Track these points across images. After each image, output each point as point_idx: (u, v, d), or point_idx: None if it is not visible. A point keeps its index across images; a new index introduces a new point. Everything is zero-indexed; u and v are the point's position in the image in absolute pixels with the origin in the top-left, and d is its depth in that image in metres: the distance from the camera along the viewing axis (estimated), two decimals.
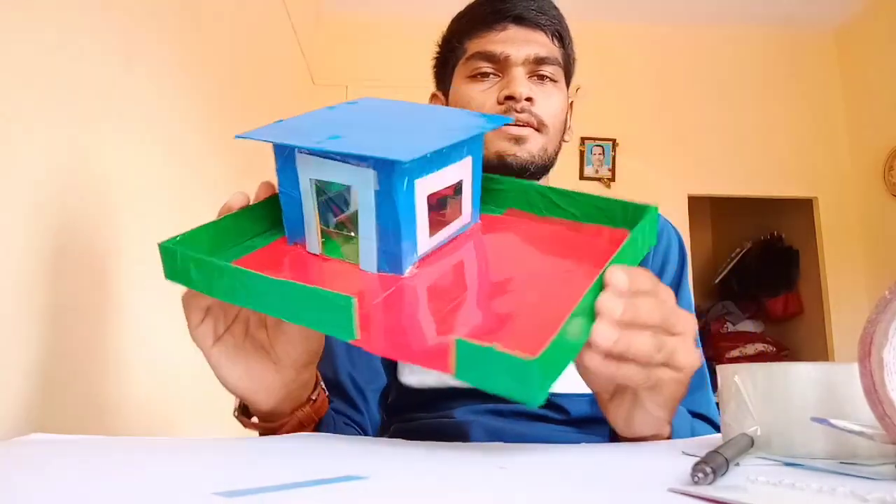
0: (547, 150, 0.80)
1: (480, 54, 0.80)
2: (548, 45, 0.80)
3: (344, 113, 0.56)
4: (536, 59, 0.79)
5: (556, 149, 0.82)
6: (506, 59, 0.79)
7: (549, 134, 0.79)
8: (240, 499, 0.28)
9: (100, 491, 0.31)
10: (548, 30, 0.80)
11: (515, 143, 0.77)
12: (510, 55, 0.79)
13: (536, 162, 0.78)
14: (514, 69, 0.78)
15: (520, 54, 0.78)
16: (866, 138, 3.13)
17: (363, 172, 0.46)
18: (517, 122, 0.77)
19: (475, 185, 0.56)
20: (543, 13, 0.80)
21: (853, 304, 3.07)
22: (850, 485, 0.32)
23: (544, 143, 0.79)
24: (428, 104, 0.61)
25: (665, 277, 0.80)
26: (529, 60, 0.79)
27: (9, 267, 0.74)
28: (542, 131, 0.79)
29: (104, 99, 0.97)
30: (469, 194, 0.56)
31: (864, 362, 0.35)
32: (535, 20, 0.80)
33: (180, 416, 1.29)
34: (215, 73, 1.56)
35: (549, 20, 0.80)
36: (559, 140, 0.82)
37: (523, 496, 0.32)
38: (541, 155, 0.79)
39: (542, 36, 0.80)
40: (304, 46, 2.74)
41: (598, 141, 3.14)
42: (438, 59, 0.88)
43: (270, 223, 0.55)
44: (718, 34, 3.29)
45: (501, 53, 0.79)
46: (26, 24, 0.77)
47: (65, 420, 0.84)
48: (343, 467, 0.37)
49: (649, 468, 0.41)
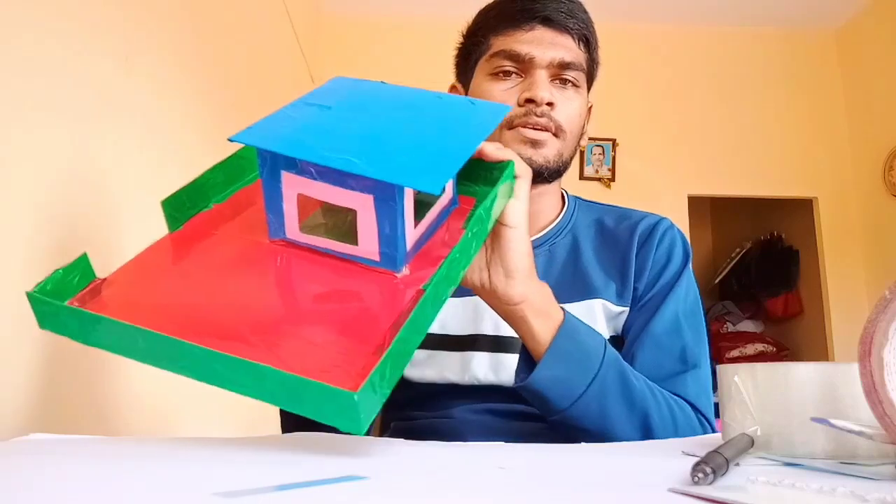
0: (563, 155, 0.79)
1: (505, 52, 0.79)
2: (574, 50, 0.79)
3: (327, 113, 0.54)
4: (561, 63, 0.78)
5: (572, 154, 0.81)
6: (530, 61, 0.78)
7: (566, 139, 0.79)
8: (240, 499, 0.28)
9: (99, 491, 0.31)
10: (575, 34, 0.79)
11: (532, 146, 0.77)
12: (535, 57, 0.77)
13: (551, 167, 0.78)
14: (538, 72, 0.77)
15: (545, 57, 0.77)
16: (866, 138, 3.13)
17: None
18: (535, 125, 0.76)
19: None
20: (573, 16, 0.79)
21: (853, 304, 3.07)
22: (850, 485, 0.32)
23: (560, 148, 0.79)
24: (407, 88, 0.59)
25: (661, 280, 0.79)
26: (554, 64, 0.78)
27: (9, 267, 0.74)
28: (559, 136, 0.78)
29: (104, 99, 0.97)
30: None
31: (864, 362, 0.35)
32: (563, 23, 0.78)
33: (180, 416, 1.29)
34: (215, 73, 1.56)
35: (578, 24, 0.79)
36: (575, 145, 0.82)
37: (523, 496, 0.32)
38: (556, 160, 0.78)
39: (568, 40, 0.79)
40: (304, 46, 2.74)
41: (598, 141, 3.14)
42: (461, 50, 0.87)
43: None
44: (719, 34, 3.29)
45: (527, 54, 0.78)
46: (26, 25, 0.77)
47: (65, 420, 0.84)
48: (343, 467, 0.37)
49: (649, 468, 0.41)
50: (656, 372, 0.71)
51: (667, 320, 0.75)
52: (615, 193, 3.10)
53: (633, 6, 3.14)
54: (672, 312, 0.76)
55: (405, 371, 0.80)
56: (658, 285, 0.78)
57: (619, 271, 0.79)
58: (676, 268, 0.80)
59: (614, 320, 0.78)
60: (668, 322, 0.75)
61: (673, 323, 0.76)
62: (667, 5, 3.14)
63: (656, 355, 0.73)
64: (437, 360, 0.78)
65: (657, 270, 0.79)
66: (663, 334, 0.75)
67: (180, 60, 1.31)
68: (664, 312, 0.76)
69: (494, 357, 0.76)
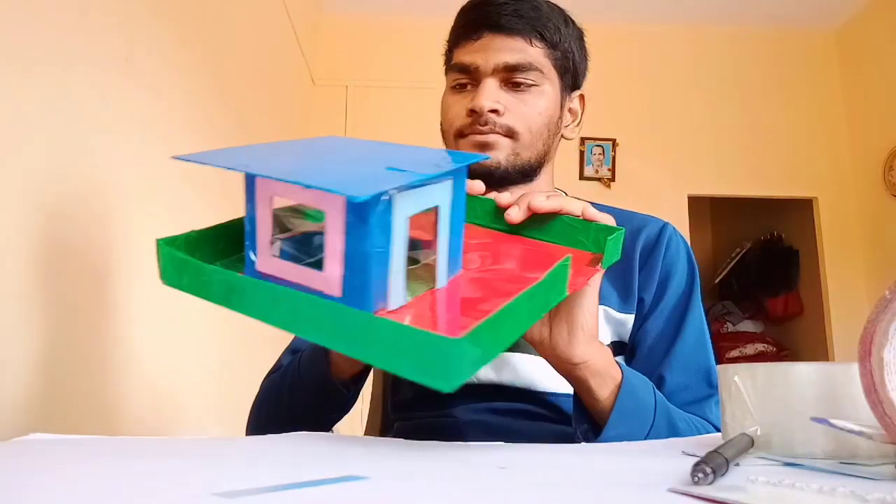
0: (520, 155, 0.78)
1: (457, 65, 0.80)
2: (524, 51, 0.78)
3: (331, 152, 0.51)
4: (506, 66, 0.77)
5: (538, 153, 0.80)
6: (476, 70, 0.78)
7: (521, 139, 0.78)
8: (240, 499, 0.28)
9: (99, 491, 0.31)
10: (525, 33, 0.78)
11: (480, 149, 0.77)
12: (479, 65, 0.78)
13: (504, 167, 0.77)
14: (484, 80, 0.77)
15: (489, 64, 0.77)
16: (866, 138, 3.13)
17: (444, 186, 0.46)
18: (480, 132, 0.77)
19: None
20: (520, 16, 0.78)
21: (853, 304, 3.07)
22: (850, 485, 0.32)
23: (515, 148, 0.78)
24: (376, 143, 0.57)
25: (670, 290, 0.78)
26: (500, 69, 0.77)
27: (9, 267, 0.74)
28: (513, 137, 0.77)
29: (104, 99, 0.97)
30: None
31: (864, 362, 0.35)
32: (510, 25, 0.78)
33: (180, 416, 1.29)
34: (215, 74, 1.56)
35: (527, 22, 0.78)
36: (542, 144, 0.80)
37: (523, 496, 0.32)
38: (511, 160, 0.77)
39: (518, 41, 0.78)
40: (304, 46, 2.74)
41: (598, 141, 3.15)
42: (444, 63, 0.88)
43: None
44: (718, 34, 3.29)
45: (471, 64, 0.78)
46: (26, 25, 0.77)
47: (65, 420, 0.84)
48: (343, 467, 0.37)
49: (649, 468, 0.41)
50: (685, 395, 0.72)
51: (690, 340, 0.76)
52: (615, 193, 3.11)
53: (633, 6, 3.14)
54: (694, 330, 0.77)
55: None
56: (668, 297, 0.78)
57: (622, 278, 0.79)
58: (686, 279, 0.79)
59: (617, 326, 0.78)
60: (692, 342, 0.76)
61: (697, 342, 0.76)
62: (666, 5, 3.14)
63: (683, 379, 0.74)
64: None
65: (665, 281, 0.78)
66: (690, 355, 0.75)
67: (180, 60, 1.31)
68: (687, 332, 0.76)
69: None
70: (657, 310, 0.77)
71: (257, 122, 2.01)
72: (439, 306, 0.46)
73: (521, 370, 0.75)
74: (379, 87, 3.14)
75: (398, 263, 0.42)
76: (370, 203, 0.39)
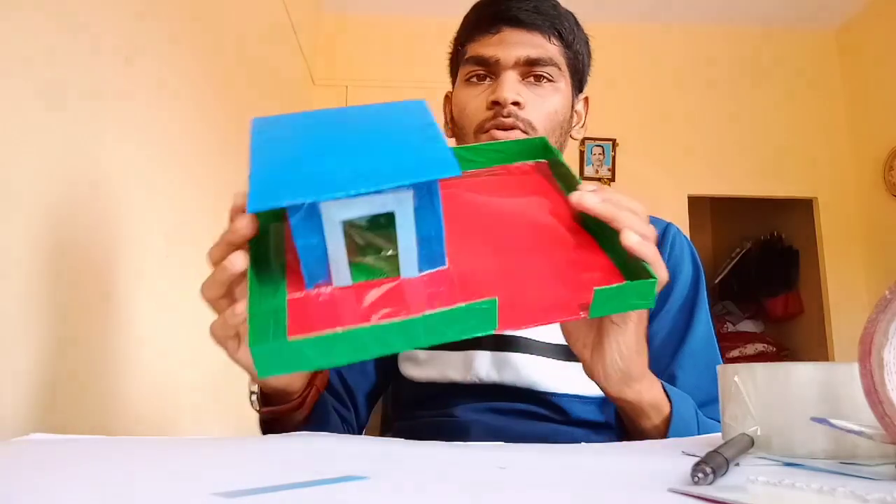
0: None
1: (474, 58, 0.80)
2: (543, 46, 0.79)
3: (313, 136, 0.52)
4: (528, 60, 0.78)
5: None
6: (496, 63, 0.78)
7: (539, 135, 0.78)
8: (240, 499, 0.28)
9: (99, 491, 0.31)
10: (544, 30, 0.79)
11: None
12: (500, 58, 0.78)
13: None
14: (505, 73, 0.78)
15: (510, 57, 0.78)
16: (866, 138, 3.13)
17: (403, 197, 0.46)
18: (502, 126, 0.77)
19: None
20: (539, 13, 0.79)
21: (853, 304, 3.07)
22: (850, 485, 0.32)
23: None
24: (309, 113, 0.57)
25: (675, 291, 0.78)
26: (520, 62, 0.78)
27: (9, 267, 0.74)
28: (531, 134, 0.78)
29: (104, 99, 0.97)
30: None
31: (864, 362, 0.35)
32: (530, 21, 0.79)
33: (180, 415, 1.29)
34: (215, 73, 1.56)
35: (546, 19, 0.79)
36: (555, 141, 0.81)
37: (523, 496, 0.32)
38: None
39: (537, 37, 0.79)
40: (303, 46, 2.74)
41: (598, 141, 3.14)
42: (450, 60, 0.88)
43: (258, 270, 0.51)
44: (719, 34, 3.29)
45: (492, 57, 0.78)
46: (26, 25, 0.77)
47: (65, 420, 0.84)
48: (343, 467, 0.37)
49: (649, 468, 0.41)
50: (698, 395, 0.72)
51: (700, 339, 0.76)
52: None
53: (633, 6, 3.14)
54: (703, 328, 0.77)
55: (407, 370, 0.80)
56: (674, 297, 0.78)
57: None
58: (692, 279, 0.80)
59: None
60: (701, 341, 0.76)
61: (706, 341, 0.77)
62: (667, 5, 3.14)
63: (696, 377, 0.74)
64: (439, 360, 0.78)
65: (670, 282, 0.78)
66: (700, 354, 0.75)
67: (180, 60, 1.31)
68: (696, 331, 0.76)
69: (497, 356, 0.76)
70: (663, 311, 0.78)
71: None
72: (371, 292, 0.49)
73: (523, 370, 0.75)
74: (379, 87, 3.14)
75: (336, 254, 0.48)
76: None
